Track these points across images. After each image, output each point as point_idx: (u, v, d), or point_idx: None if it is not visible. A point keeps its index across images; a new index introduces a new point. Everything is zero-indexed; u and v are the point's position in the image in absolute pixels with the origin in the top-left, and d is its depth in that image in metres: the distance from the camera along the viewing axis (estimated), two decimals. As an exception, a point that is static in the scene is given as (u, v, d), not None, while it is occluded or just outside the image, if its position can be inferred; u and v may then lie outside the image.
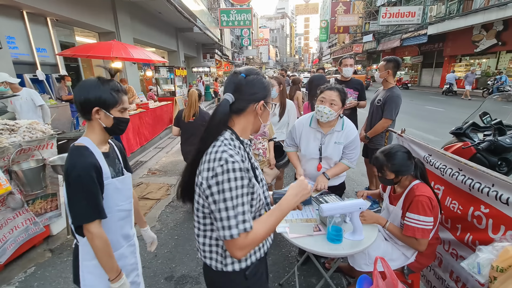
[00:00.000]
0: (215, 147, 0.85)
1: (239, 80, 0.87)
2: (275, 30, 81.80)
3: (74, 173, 1.02)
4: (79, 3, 7.07)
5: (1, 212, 2.30)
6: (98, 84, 1.10)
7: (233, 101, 0.88)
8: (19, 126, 2.51)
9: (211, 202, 0.82)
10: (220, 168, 0.80)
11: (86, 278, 1.14)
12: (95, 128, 1.14)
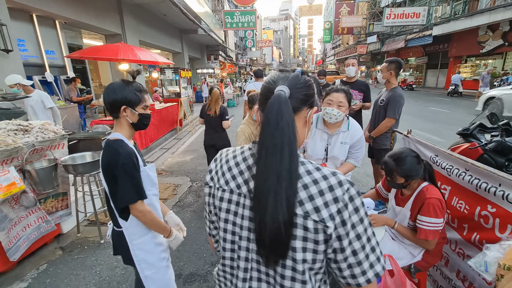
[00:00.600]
0: (308, 168, 0.64)
1: (296, 75, 0.68)
2: (278, 32, 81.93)
3: (119, 162, 1.17)
4: (86, 6, 7.19)
5: (15, 210, 2.36)
6: (124, 86, 1.25)
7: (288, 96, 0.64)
8: (32, 127, 2.57)
9: (346, 245, 0.60)
10: (346, 195, 0.60)
11: (138, 254, 1.34)
12: (123, 124, 1.30)
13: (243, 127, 2.11)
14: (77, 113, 5.88)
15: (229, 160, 0.75)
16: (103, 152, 1.24)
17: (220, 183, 0.73)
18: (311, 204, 0.59)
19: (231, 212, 0.70)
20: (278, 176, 0.56)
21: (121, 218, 1.29)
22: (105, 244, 2.69)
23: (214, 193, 0.76)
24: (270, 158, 0.58)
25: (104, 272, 2.29)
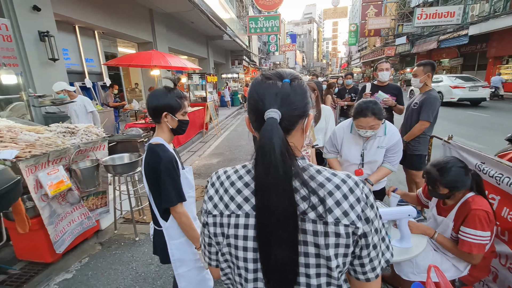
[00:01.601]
0: (327, 175, 0.63)
1: (284, 89, 0.60)
2: (302, 35, 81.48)
3: (162, 166, 1.23)
4: (122, 17, 7.67)
5: (61, 206, 2.56)
6: (166, 93, 1.31)
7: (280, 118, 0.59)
8: (78, 129, 2.79)
9: (370, 241, 0.61)
10: (364, 193, 0.62)
11: (175, 254, 1.42)
12: (164, 129, 1.36)
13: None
14: (113, 117, 6.25)
15: (223, 182, 0.69)
16: (146, 155, 1.31)
17: (220, 208, 0.67)
18: (339, 210, 0.59)
19: (239, 237, 0.64)
20: (278, 219, 0.55)
21: (162, 218, 1.36)
22: (140, 242, 2.82)
23: (221, 222, 0.67)
24: (266, 195, 0.56)
25: (140, 268, 2.40)
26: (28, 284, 2.26)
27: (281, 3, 19.88)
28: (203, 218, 0.72)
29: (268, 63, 34.13)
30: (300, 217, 0.59)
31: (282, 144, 0.55)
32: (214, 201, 0.69)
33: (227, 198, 0.67)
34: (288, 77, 0.62)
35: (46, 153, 2.34)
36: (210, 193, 0.71)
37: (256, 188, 0.59)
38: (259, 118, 0.61)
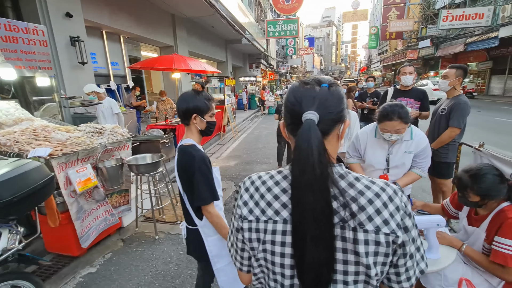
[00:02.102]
0: (366, 183, 0.63)
1: (322, 93, 0.62)
2: (320, 39, 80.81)
3: (196, 164, 1.27)
4: (146, 22, 7.96)
5: (88, 203, 2.68)
6: (195, 96, 1.36)
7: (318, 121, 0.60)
8: (105, 130, 2.92)
9: (408, 250, 0.61)
10: (403, 202, 0.62)
11: (213, 250, 1.45)
12: (193, 130, 1.40)
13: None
14: (135, 118, 6.49)
15: (258, 187, 0.69)
16: (178, 156, 1.37)
17: (256, 213, 0.67)
18: (380, 218, 0.59)
19: (277, 243, 0.64)
20: (314, 217, 0.55)
21: (196, 217, 1.40)
22: (159, 240, 2.89)
23: (257, 227, 0.66)
24: (303, 197, 0.56)
25: (159, 266, 2.46)
26: (56, 276, 2.38)
27: (300, 6, 19.83)
28: (236, 223, 0.72)
29: (286, 66, 34.09)
30: (340, 224, 0.59)
31: (320, 145, 0.56)
32: (249, 207, 0.68)
33: (263, 203, 0.66)
34: (326, 82, 0.64)
35: (76, 152, 2.46)
36: (245, 198, 0.70)
37: (293, 188, 0.59)
38: (295, 121, 0.62)
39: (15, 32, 3.46)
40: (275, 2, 19.41)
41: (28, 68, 3.62)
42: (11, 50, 3.39)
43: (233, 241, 0.76)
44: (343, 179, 0.63)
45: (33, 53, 3.67)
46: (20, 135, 2.44)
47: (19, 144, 2.34)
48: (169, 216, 3.40)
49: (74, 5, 5.24)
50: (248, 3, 17.89)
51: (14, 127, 2.65)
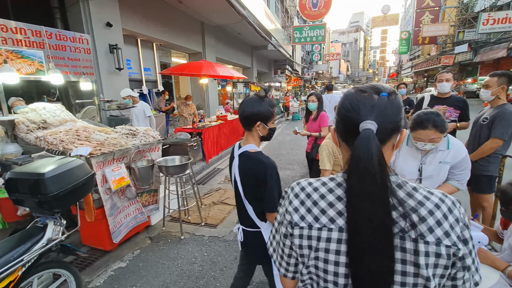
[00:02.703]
0: (424, 193, 0.62)
1: (381, 102, 0.61)
2: (347, 44, 79.28)
3: (268, 172, 1.28)
4: (178, 30, 8.34)
5: (120, 200, 2.84)
6: (260, 101, 1.34)
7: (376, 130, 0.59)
8: (138, 132, 3.08)
9: (466, 262, 0.60)
10: (462, 213, 0.61)
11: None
12: (255, 136, 1.38)
13: (328, 141, 2.10)
14: (164, 121, 6.78)
15: (310, 194, 0.68)
16: (244, 162, 1.36)
17: (309, 220, 0.66)
18: (441, 230, 0.58)
19: (331, 251, 0.63)
20: (373, 227, 0.55)
21: (260, 220, 1.40)
22: (184, 240, 2.97)
23: (310, 234, 0.66)
24: (361, 205, 0.56)
25: (184, 266, 2.53)
26: (90, 268, 2.54)
27: (327, 13, 19.64)
28: (283, 228, 0.71)
29: (311, 72, 33.80)
30: (399, 234, 0.59)
31: (379, 155, 0.56)
32: (301, 213, 0.68)
33: (317, 211, 0.66)
34: (385, 91, 0.63)
35: (112, 152, 2.63)
36: (295, 204, 0.69)
37: (349, 196, 0.60)
38: (350, 129, 0.63)
39: (64, 41, 3.80)
40: (301, 8, 19.40)
41: (73, 74, 3.94)
42: (59, 57, 3.73)
43: (276, 247, 0.76)
44: (400, 188, 0.62)
45: (78, 60, 4.01)
46: (65, 135, 2.66)
47: (64, 143, 2.55)
48: (194, 218, 3.49)
49: (114, 16, 5.65)
50: (275, 10, 18.08)
51: (60, 127, 2.89)
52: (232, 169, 1.45)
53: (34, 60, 3.32)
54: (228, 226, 3.25)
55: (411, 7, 37.64)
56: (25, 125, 2.76)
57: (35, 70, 3.36)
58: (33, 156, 2.45)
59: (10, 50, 3.11)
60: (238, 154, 1.39)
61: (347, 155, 0.66)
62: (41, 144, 2.64)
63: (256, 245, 1.45)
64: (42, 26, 3.52)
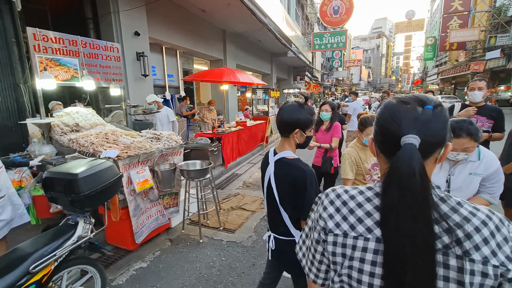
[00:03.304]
0: (469, 209, 0.59)
1: (425, 115, 0.59)
2: (369, 50, 77.75)
3: (308, 180, 1.27)
4: (200, 38, 8.61)
5: (144, 202, 2.93)
6: (300, 109, 1.33)
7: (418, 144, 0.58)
8: (162, 136, 3.19)
9: None
10: (510, 232, 0.58)
11: None
12: (292, 143, 1.38)
13: (350, 150, 2.06)
14: (185, 126, 6.97)
15: (346, 202, 0.68)
16: (281, 168, 1.34)
17: (344, 228, 0.65)
18: (488, 248, 0.55)
19: (367, 261, 0.62)
20: (414, 243, 0.53)
21: (296, 228, 1.37)
22: (203, 244, 3.00)
23: (344, 243, 0.65)
24: (401, 221, 0.54)
25: (203, 269, 2.56)
26: (113, 266, 2.64)
27: (349, 19, 19.43)
28: (316, 234, 0.71)
29: (331, 78, 33.42)
30: (443, 250, 0.57)
31: (422, 170, 0.55)
32: (336, 220, 0.67)
33: (353, 219, 0.65)
34: (430, 103, 0.61)
35: (138, 155, 2.74)
36: (330, 211, 0.69)
37: (387, 211, 0.58)
38: (390, 141, 0.62)
39: (96, 50, 4.05)
40: (322, 15, 19.34)
41: (104, 80, 4.18)
42: (92, 64, 3.98)
43: (306, 252, 0.76)
44: (444, 202, 0.60)
45: (108, 67, 4.25)
46: (95, 138, 2.81)
47: (94, 145, 2.69)
48: (212, 222, 3.53)
49: (141, 25, 5.95)
50: (295, 17, 18.17)
51: (90, 130, 3.07)
52: (265, 175, 1.43)
53: (70, 67, 3.57)
54: (246, 232, 3.26)
55: (438, 12, 36.35)
56: (60, 128, 2.95)
57: (70, 77, 3.61)
58: (67, 157, 2.61)
59: (49, 58, 3.37)
60: (274, 160, 1.37)
61: (385, 167, 0.65)
62: (73, 146, 2.81)
63: (290, 254, 1.38)
64: (78, 36, 3.78)
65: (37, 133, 3.19)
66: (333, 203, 0.70)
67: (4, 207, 2.22)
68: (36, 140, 3.06)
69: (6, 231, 2.27)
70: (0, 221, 2.17)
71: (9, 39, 3.62)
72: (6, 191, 2.27)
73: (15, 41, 3.66)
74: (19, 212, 2.38)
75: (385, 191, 0.59)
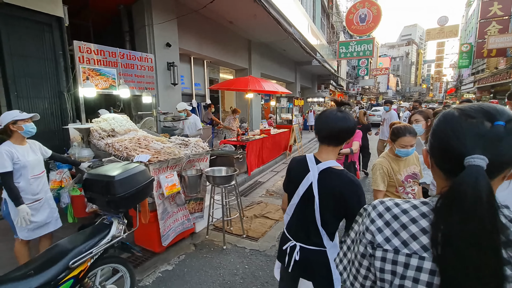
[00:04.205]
0: None
1: (495, 132, 0.53)
2: (397, 58, 75.17)
3: (358, 190, 1.24)
4: (226, 48, 8.88)
5: (171, 206, 3.02)
6: (349, 117, 1.31)
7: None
8: (190, 142, 3.30)
9: None
10: None
11: (335, 272, 1.35)
12: (336, 153, 1.35)
13: (382, 160, 1.98)
14: (210, 133, 7.14)
15: (398, 216, 0.63)
16: (329, 179, 1.28)
17: (395, 244, 0.61)
18: None
19: (421, 282, 0.57)
20: (479, 275, 0.48)
21: (330, 239, 1.34)
22: (227, 250, 3.02)
23: (395, 259, 0.60)
24: (463, 249, 0.49)
25: (226, 276, 2.56)
26: (140, 267, 2.73)
27: (376, 27, 18.97)
28: (361, 248, 0.68)
29: (357, 87, 32.66)
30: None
31: (490, 195, 0.49)
32: (385, 234, 0.63)
33: (406, 235, 0.61)
34: (501, 118, 0.54)
35: (167, 160, 2.84)
36: (378, 224, 0.65)
37: (447, 238, 0.53)
38: (452, 159, 0.56)
39: (132, 60, 4.33)
40: (348, 23, 19.08)
41: (138, 89, 4.44)
42: (128, 74, 4.25)
43: (349, 265, 0.73)
44: None
45: (142, 76, 4.51)
46: (129, 143, 2.98)
47: (127, 150, 2.84)
48: (235, 229, 3.54)
49: (172, 37, 6.28)
50: (320, 26, 18.14)
51: (125, 135, 3.25)
52: (302, 181, 1.35)
53: (109, 77, 3.85)
54: (269, 241, 3.23)
55: (474, 17, 34.44)
56: (98, 133, 3.16)
57: (108, 86, 3.89)
58: (104, 160, 2.78)
59: (91, 69, 3.66)
60: (320, 169, 1.30)
61: (443, 184, 0.61)
62: (109, 150, 2.99)
63: (318, 264, 1.37)
64: (116, 48, 4.08)
65: (77, 137, 3.44)
66: (381, 216, 0.66)
67: (40, 210, 2.40)
68: (76, 143, 3.30)
69: (42, 232, 2.43)
70: (35, 222, 2.34)
71: (57, 52, 3.99)
72: (44, 194, 2.47)
73: (61, 54, 4.03)
74: (55, 216, 2.56)
75: (445, 216, 0.54)
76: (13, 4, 3.46)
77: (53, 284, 1.49)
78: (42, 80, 3.84)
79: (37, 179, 2.39)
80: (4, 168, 2.13)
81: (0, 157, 2.13)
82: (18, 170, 2.24)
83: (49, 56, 3.91)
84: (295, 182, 1.39)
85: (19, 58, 3.63)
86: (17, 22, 3.59)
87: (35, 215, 2.34)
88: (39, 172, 2.42)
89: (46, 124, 3.84)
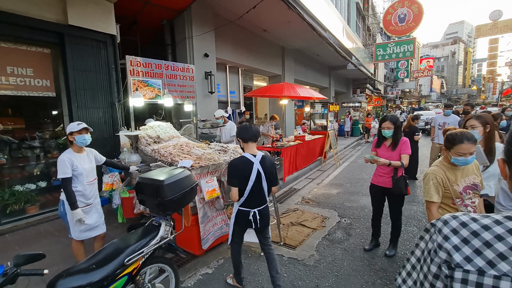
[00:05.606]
0: None
1: None
2: (441, 58, 69.60)
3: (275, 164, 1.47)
4: (260, 56, 9.02)
5: (210, 210, 3.11)
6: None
7: None
8: (228, 149, 3.39)
9: None
10: None
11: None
12: (255, 145, 1.64)
13: (435, 169, 1.83)
14: (245, 139, 7.25)
15: (478, 232, 0.57)
16: (265, 161, 2.01)
17: (478, 264, 0.56)
18: None
19: None
20: None
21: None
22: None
23: (480, 282, 0.55)
24: None
25: (265, 284, 2.55)
26: (182, 268, 2.83)
27: (417, 26, 17.84)
28: (434, 267, 0.63)
29: (395, 90, 30.85)
30: None
31: None
32: (465, 253, 0.58)
33: (491, 254, 0.56)
34: None
35: (208, 165, 2.95)
36: (454, 241, 0.60)
37: None
38: None
39: (175, 71, 4.61)
40: (386, 25, 18.20)
41: (180, 98, 4.71)
42: (172, 84, 4.54)
43: (413, 286, 0.68)
44: None
45: (184, 86, 4.78)
46: (173, 149, 3.15)
47: (172, 155, 3.01)
48: (272, 236, 3.48)
49: (210, 48, 6.57)
50: (355, 28, 17.58)
51: (169, 142, 3.45)
52: (253, 171, 2.16)
53: (155, 87, 4.15)
54: (307, 250, 3.15)
55: (535, 9, 30.68)
56: (145, 140, 3.40)
57: (154, 95, 4.18)
58: (151, 165, 2.97)
59: (140, 80, 3.98)
60: (259, 158, 2.04)
61: None
62: (154, 155, 3.20)
63: (268, 213, 2.28)
64: (162, 60, 4.39)
65: (127, 144, 3.74)
66: (457, 232, 0.61)
67: (89, 213, 2.61)
68: (126, 149, 3.58)
69: (91, 235, 2.64)
70: (86, 224, 2.54)
71: (110, 66, 4.41)
72: (94, 200, 2.69)
73: (114, 67, 4.44)
74: (102, 220, 2.77)
75: None
76: (75, 25, 3.92)
77: (110, 279, 1.61)
78: (97, 92, 4.27)
79: (90, 185, 2.64)
80: (65, 174, 2.38)
81: (63, 164, 2.39)
82: (76, 176, 2.49)
83: (104, 70, 4.34)
84: (246, 174, 2.16)
85: (80, 73, 4.08)
86: (79, 41, 4.05)
87: (86, 218, 2.55)
88: (92, 179, 2.67)
89: (100, 131, 4.24)
